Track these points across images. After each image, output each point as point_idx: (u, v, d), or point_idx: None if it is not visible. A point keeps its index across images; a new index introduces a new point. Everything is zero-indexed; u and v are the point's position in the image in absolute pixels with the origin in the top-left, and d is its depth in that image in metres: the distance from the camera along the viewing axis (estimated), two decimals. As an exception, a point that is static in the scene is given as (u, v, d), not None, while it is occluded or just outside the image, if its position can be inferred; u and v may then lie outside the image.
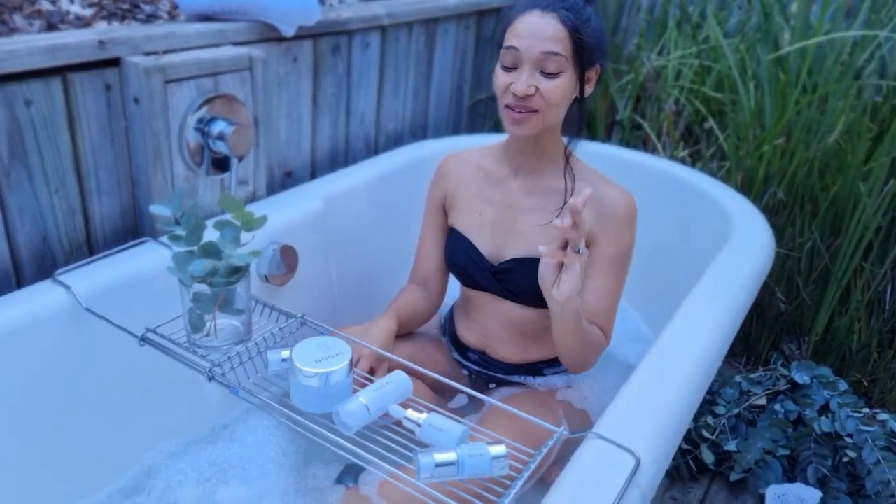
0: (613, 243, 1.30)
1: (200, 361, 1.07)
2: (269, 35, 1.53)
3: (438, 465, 0.91)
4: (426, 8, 1.96)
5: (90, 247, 1.35)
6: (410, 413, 1.00)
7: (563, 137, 1.34)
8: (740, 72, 2.33)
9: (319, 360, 1.02)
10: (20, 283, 1.26)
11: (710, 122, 2.41)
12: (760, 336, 2.36)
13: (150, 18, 1.63)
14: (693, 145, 2.51)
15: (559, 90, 1.21)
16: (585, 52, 1.21)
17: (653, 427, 0.99)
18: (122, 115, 1.31)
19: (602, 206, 1.29)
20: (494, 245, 1.37)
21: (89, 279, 1.21)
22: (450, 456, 0.92)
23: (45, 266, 1.27)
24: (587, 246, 1.32)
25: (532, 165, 1.34)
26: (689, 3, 3.08)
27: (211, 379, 1.05)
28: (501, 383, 1.46)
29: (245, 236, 1.11)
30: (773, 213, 2.22)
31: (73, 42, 1.21)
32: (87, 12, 1.57)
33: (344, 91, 1.80)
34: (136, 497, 1.27)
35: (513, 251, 1.35)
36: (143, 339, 1.12)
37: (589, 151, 1.89)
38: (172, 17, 1.63)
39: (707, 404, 2.06)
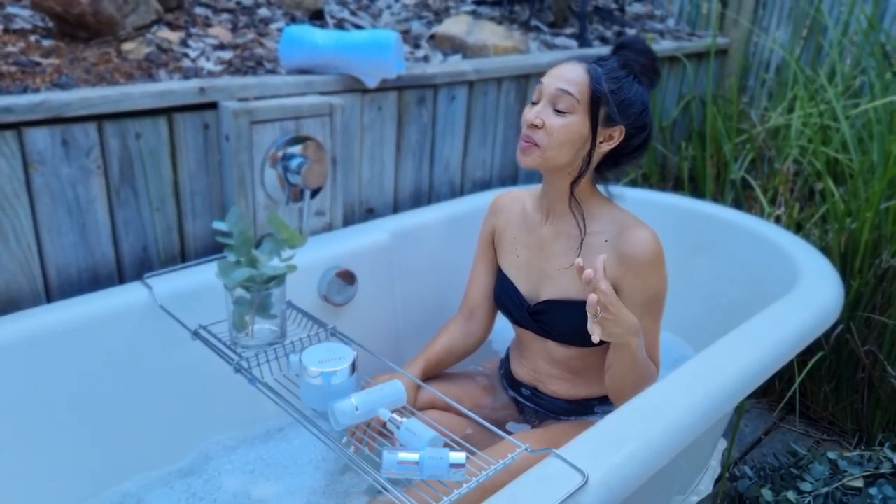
0: (640, 288, 1.30)
1: (232, 355, 1.23)
2: (355, 87, 1.73)
3: (400, 463, 0.99)
4: (514, 66, 2.10)
5: (184, 259, 1.59)
6: (394, 416, 1.10)
7: (597, 186, 1.39)
8: (855, 132, 2.21)
9: (323, 361, 1.15)
10: (121, 283, 1.51)
11: (824, 184, 2.29)
12: (874, 415, 2.16)
13: (269, 73, 1.91)
14: (814, 207, 2.39)
15: (563, 129, 1.26)
16: (602, 104, 1.26)
17: (619, 455, 1.01)
18: (216, 150, 1.55)
19: (624, 251, 1.30)
20: (531, 286, 1.44)
21: (170, 283, 1.44)
22: (412, 456, 1.00)
23: (143, 272, 1.52)
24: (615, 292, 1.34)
25: (559, 210, 1.39)
26: (820, 61, 2.96)
27: (237, 371, 1.21)
28: (554, 420, 1.49)
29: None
30: (881, 280, 2.05)
31: (179, 89, 1.47)
32: (218, 68, 1.87)
33: (428, 138, 1.97)
34: (189, 478, 1.45)
35: (546, 293, 1.40)
36: (195, 335, 1.31)
37: (647, 200, 1.90)
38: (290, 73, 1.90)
39: (791, 478, 1.92)
